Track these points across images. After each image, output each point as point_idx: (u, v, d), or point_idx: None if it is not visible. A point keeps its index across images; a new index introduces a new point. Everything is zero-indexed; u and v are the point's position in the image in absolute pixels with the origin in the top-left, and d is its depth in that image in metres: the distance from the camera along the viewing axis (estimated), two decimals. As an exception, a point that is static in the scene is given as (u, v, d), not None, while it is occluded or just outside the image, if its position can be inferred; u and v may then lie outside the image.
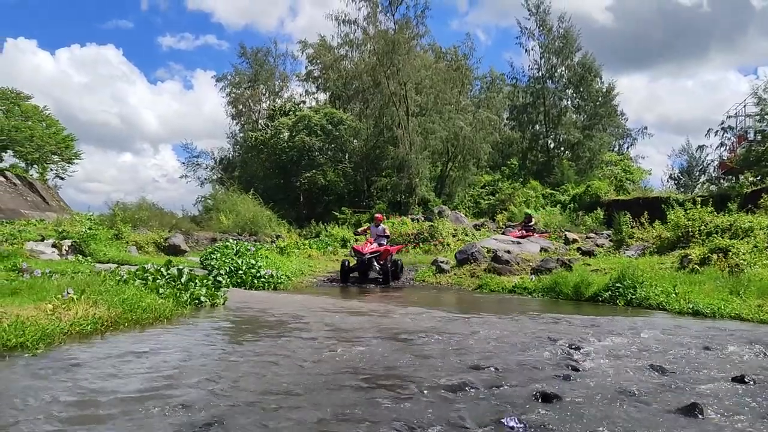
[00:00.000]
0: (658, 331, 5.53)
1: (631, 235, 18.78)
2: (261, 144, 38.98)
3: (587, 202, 29.81)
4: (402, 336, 5.41)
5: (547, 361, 4.29)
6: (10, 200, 29.97)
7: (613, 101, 40.34)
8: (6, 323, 4.44)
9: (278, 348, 4.70)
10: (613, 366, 4.10)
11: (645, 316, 7.45)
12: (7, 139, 33.35)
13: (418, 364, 4.16)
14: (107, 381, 3.46)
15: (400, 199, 33.85)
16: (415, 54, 35.77)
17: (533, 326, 6.16)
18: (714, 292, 8.37)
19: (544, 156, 40.71)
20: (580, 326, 5.72)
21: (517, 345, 4.89)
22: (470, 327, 6.23)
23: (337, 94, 43.00)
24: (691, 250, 13.23)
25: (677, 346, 4.91)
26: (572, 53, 39.09)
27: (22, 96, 35.92)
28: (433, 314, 7.58)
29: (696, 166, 49.18)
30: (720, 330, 5.96)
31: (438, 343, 4.82)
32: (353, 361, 4.28)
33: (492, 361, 4.25)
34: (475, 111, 37.19)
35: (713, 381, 3.62)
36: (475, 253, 15.14)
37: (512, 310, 7.87)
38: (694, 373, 3.92)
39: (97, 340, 4.81)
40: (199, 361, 4.21)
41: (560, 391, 3.25)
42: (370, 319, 6.79)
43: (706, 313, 7.05)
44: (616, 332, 5.40)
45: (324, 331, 5.75)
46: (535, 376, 3.79)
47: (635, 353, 4.63)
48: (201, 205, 37.46)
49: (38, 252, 17.24)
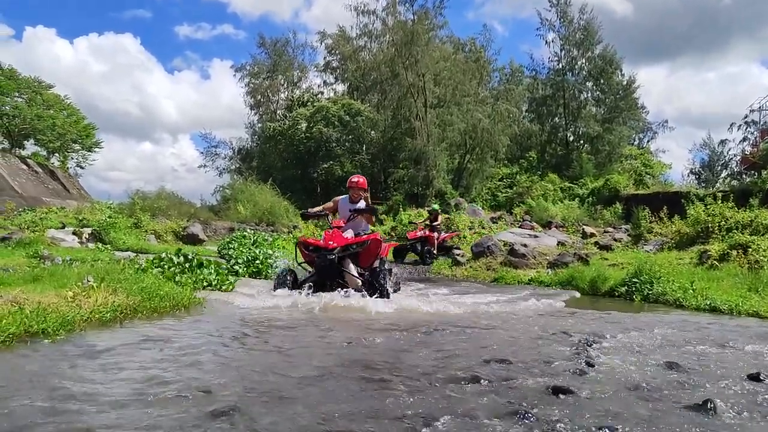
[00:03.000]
0: (674, 328, 5.50)
1: (649, 229, 18.64)
2: (279, 135, 39.15)
3: (606, 196, 29.59)
4: (415, 328, 5.44)
5: (561, 356, 4.29)
6: (32, 188, 30.45)
7: (633, 94, 39.89)
8: (28, 310, 4.53)
9: (291, 339, 4.75)
10: (627, 362, 4.09)
11: (661, 312, 7.41)
12: (30, 128, 33.84)
13: (431, 356, 4.18)
14: (125, 367, 3.53)
15: (417, 192, 33.82)
16: (433, 45, 35.65)
17: (548, 321, 6.16)
18: (732, 288, 8.29)
19: (563, 149, 40.42)
20: (595, 321, 5.70)
21: (532, 339, 4.89)
22: (485, 320, 6.25)
23: (355, 85, 43.00)
24: (710, 246, 13.12)
25: (693, 343, 4.88)
26: (593, 45, 38.71)
27: (44, 85, 36.43)
28: (447, 306, 7.60)
29: (718, 160, 48.54)
30: (737, 327, 5.91)
31: (452, 336, 4.84)
32: (365, 352, 4.31)
33: (506, 354, 4.26)
34: (493, 103, 37.01)
35: (728, 378, 3.60)
36: (492, 246, 15.12)
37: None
38: (709, 370, 3.90)
39: (117, 327, 4.89)
40: (214, 348, 4.27)
41: (573, 386, 3.26)
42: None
43: (724, 309, 6.98)
44: (632, 328, 5.38)
45: (336, 323, 5.80)
46: (548, 371, 3.79)
47: (650, 349, 4.62)
48: (219, 194, 37.81)
49: (59, 239, 17.53)
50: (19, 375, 3.24)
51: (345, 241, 7.90)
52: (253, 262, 13.09)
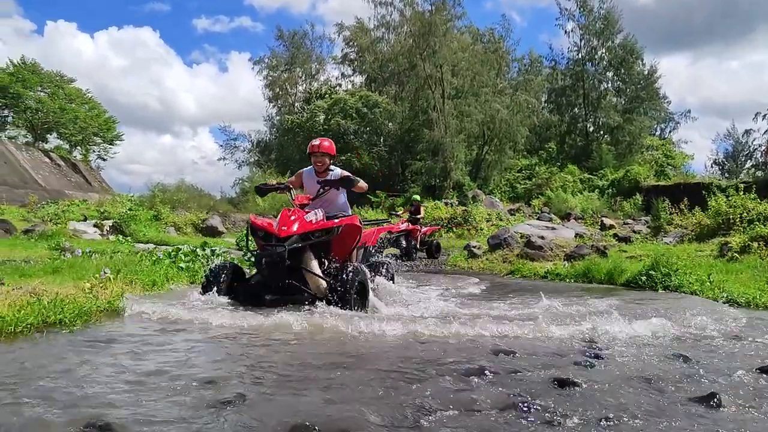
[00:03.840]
0: (688, 320, 5.46)
1: (669, 221, 18.45)
2: (297, 127, 39.30)
3: (626, 188, 29.32)
4: (425, 318, 5.46)
5: (570, 348, 4.29)
6: (55, 181, 30.94)
7: (654, 84, 39.36)
8: (46, 300, 4.63)
9: (301, 329, 4.80)
10: (636, 354, 4.08)
11: (676, 305, 7.34)
12: (52, 121, 34.37)
13: (439, 348, 4.20)
14: (137, 356, 3.60)
15: (435, 183, 33.78)
16: (451, 36, 35.48)
17: (559, 312, 6.15)
18: (750, 281, 8.18)
19: (582, 140, 40.05)
20: (608, 313, 5.66)
21: (542, 330, 4.88)
22: (496, 311, 6.25)
23: (372, 76, 42.97)
24: (731, 238, 12.94)
25: (706, 336, 4.85)
26: (613, 35, 38.24)
27: (65, 79, 36.96)
28: (460, 298, 7.62)
29: (741, 151, 47.65)
30: (753, 320, 5.85)
31: (461, 327, 4.85)
32: (372, 342, 4.34)
33: (514, 346, 4.27)
34: (512, 94, 36.77)
35: (738, 371, 3.57)
36: (508, 238, 15.07)
37: (540, 296, 7.82)
38: (720, 362, 3.87)
39: (131, 319, 4.98)
40: (223, 341, 4.33)
41: (579, 378, 3.26)
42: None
43: (741, 302, 6.89)
44: (644, 320, 5.34)
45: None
46: (556, 363, 3.80)
47: (661, 341, 4.59)
48: (238, 187, 38.10)
49: (81, 231, 17.84)
50: (32, 364, 3.33)
51: (305, 226, 5.75)
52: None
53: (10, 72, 33.68)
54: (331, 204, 6.55)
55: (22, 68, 34.18)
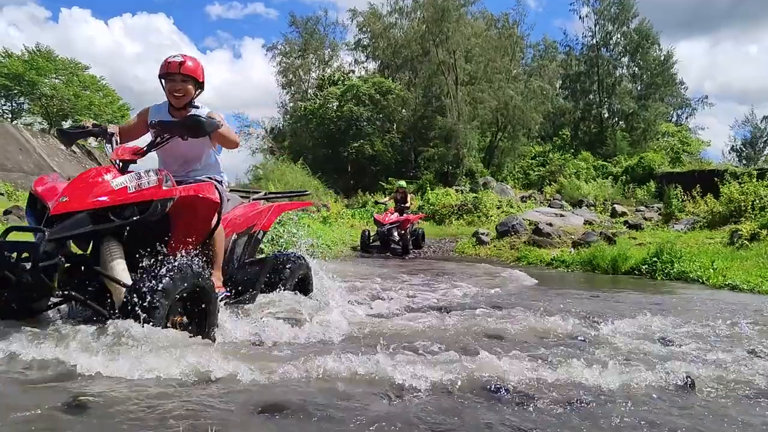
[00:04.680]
0: (685, 306, 5.45)
1: (681, 208, 18.29)
2: (310, 114, 39.27)
3: (640, 175, 29.02)
4: (422, 305, 5.51)
5: (559, 333, 4.31)
6: (70, 167, 31.25)
7: (671, 69, 38.75)
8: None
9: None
10: (624, 338, 4.09)
11: (677, 292, 7.31)
12: (67, 108, 34.68)
13: (431, 332, 4.24)
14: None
15: (448, 170, 33.63)
16: (465, 21, 35.16)
17: (557, 300, 6.16)
18: (755, 268, 8.11)
19: (596, 126, 39.65)
20: (604, 300, 5.68)
21: (535, 317, 4.90)
22: (491, 300, 6.28)
23: (385, 63, 42.75)
24: (742, 226, 12.83)
25: (699, 322, 4.83)
26: (628, 20, 37.67)
27: (80, 66, 37.19)
28: (461, 286, 7.65)
29: (760, 137, 46.86)
30: (751, 306, 5.82)
31: (455, 314, 4.90)
32: (369, 326, 4.38)
33: (502, 331, 4.30)
34: (526, 80, 36.45)
35: (724, 354, 3.57)
36: (516, 225, 15.04)
37: (540, 283, 7.86)
38: (706, 347, 3.87)
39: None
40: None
41: (559, 362, 3.29)
42: (401, 289, 6.93)
43: (743, 289, 6.85)
44: (640, 306, 5.34)
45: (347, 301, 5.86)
46: (541, 347, 3.82)
47: (652, 327, 4.59)
48: (251, 174, 38.22)
49: (94, 218, 18.05)
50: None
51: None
52: (278, 240, 13.33)
53: (25, 60, 34.01)
54: (191, 162, 4.24)
55: (37, 56, 34.48)
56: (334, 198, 30.96)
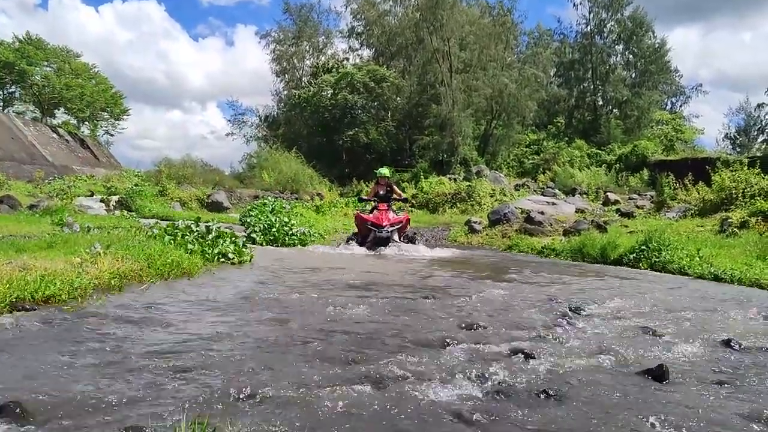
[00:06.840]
0: (666, 294, 5.51)
1: (673, 196, 18.38)
2: (304, 102, 39.16)
3: (633, 163, 29.11)
4: (408, 295, 5.56)
5: (542, 322, 4.36)
6: (62, 156, 31.18)
7: (665, 57, 38.74)
8: (36, 274, 4.74)
9: (292, 303, 4.90)
10: (604, 327, 4.15)
11: (661, 280, 7.38)
12: (59, 97, 34.53)
13: (414, 321, 4.30)
14: (122, 332, 3.72)
15: (442, 158, 33.65)
16: (459, 9, 35.06)
17: (542, 288, 6.22)
18: (740, 256, 8.19)
19: (590, 114, 39.69)
20: (589, 288, 5.74)
21: (519, 306, 4.96)
22: (478, 287, 6.33)
23: (380, 50, 42.62)
24: (732, 213, 12.92)
25: (680, 310, 4.90)
26: (622, 7, 37.64)
27: (71, 54, 37.00)
28: (446, 273, 7.71)
29: (754, 125, 46.94)
30: (733, 295, 5.89)
31: (440, 301, 4.95)
32: (354, 316, 4.44)
33: (487, 320, 4.35)
34: (520, 68, 36.41)
35: (699, 343, 3.64)
36: (508, 213, 15.10)
37: (528, 271, 7.91)
38: (685, 335, 3.92)
39: (119, 293, 5.10)
40: (212, 314, 4.45)
41: (540, 351, 3.34)
42: (382, 277, 6.99)
43: (726, 277, 6.92)
44: (624, 295, 5.41)
45: (336, 289, 5.94)
46: (523, 336, 3.88)
47: (634, 315, 4.65)
48: (245, 162, 38.18)
49: (86, 207, 18.04)
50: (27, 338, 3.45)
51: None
52: (270, 229, 13.31)
53: (15, 48, 33.77)
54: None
55: (27, 44, 34.24)
56: (328, 186, 30.98)
